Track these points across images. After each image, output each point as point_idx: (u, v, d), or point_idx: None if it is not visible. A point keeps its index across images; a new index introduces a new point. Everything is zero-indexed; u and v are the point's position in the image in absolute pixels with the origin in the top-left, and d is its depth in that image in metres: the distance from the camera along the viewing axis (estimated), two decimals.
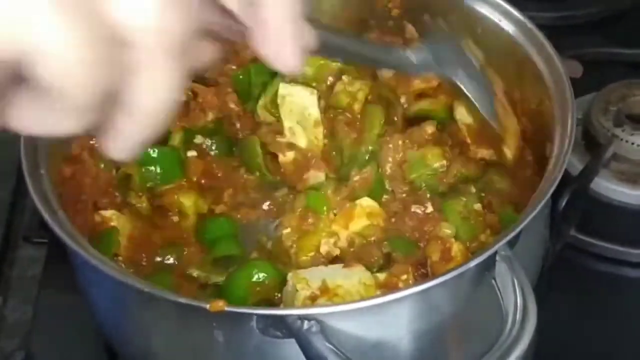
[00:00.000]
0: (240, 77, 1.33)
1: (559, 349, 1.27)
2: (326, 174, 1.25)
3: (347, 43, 0.97)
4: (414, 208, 1.22)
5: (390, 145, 1.24)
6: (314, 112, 1.27)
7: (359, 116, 1.28)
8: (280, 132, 1.28)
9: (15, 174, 1.56)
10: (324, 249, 1.17)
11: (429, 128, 1.26)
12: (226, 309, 0.96)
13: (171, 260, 1.20)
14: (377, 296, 1.02)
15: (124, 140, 0.61)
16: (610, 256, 1.40)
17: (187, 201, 1.23)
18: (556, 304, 1.27)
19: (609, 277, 1.40)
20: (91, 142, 1.25)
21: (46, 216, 1.06)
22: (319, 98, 1.29)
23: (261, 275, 1.13)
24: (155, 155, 1.24)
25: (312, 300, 1.05)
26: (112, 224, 1.20)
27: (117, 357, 1.28)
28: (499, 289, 1.00)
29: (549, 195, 1.05)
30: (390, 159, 1.24)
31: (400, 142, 1.24)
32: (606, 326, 1.34)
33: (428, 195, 1.23)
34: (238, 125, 1.32)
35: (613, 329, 1.34)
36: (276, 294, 1.13)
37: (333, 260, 1.18)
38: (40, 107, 0.57)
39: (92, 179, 1.23)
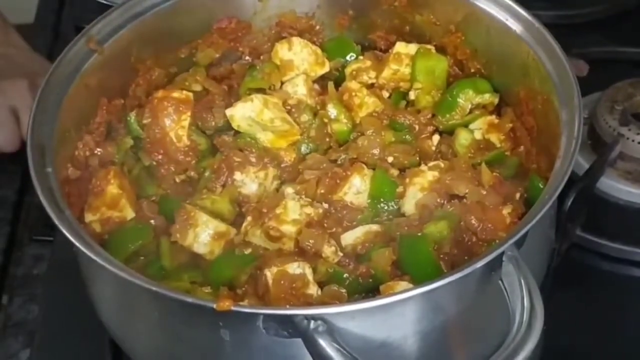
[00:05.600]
0: None
1: (565, 348, 1.27)
2: None
3: None
4: None
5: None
6: None
7: None
8: None
9: (20, 173, 1.56)
10: None
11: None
12: (233, 308, 0.96)
13: None
14: (384, 296, 1.02)
15: None
16: (616, 255, 1.40)
17: None
18: (562, 303, 1.27)
19: (615, 276, 1.40)
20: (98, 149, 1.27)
21: (53, 215, 1.06)
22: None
23: None
24: None
25: None
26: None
27: (122, 356, 1.28)
28: (505, 290, 0.99)
29: (555, 196, 1.04)
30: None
31: None
32: (612, 325, 1.34)
33: None
34: None
35: (619, 327, 1.34)
36: None
37: None
38: None
39: None
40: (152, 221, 1.23)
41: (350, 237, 1.20)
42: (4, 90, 1.57)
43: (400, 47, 1.38)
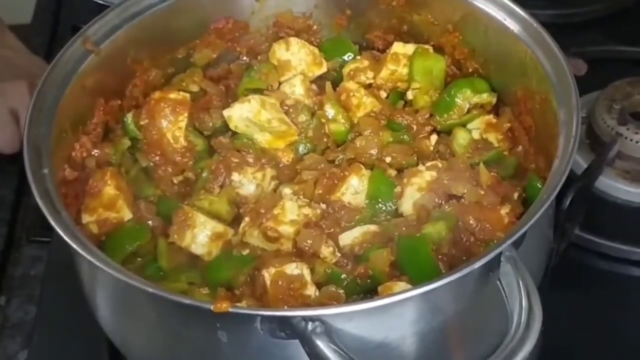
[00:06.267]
0: None
1: (564, 348, 1.27)
2: None
3: None
4: None
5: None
6: None
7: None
8: None
9: (18, 173, 1.56)
10: None
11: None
12: (230, 309, 0.96)
13: None
14: (382, 297, 1.02)
15: None
16: (615, 255, 1.40)
17: None
18: (560, 302, 1.26)
19: (613, 275, 1.40)
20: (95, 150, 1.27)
21: (49, 217, 1.05)
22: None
23: None
24: None
25: None
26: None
27: (119, 357, 1.27)
28: (504, 290, 0.99)
29: (553, 196, 1.04)
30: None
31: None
32: (611, 324, 1.34)
33: None
34: None
35: (617, 327, 1.34)
36: None
37: None
38: None
39: None
40: (149, 222, 1.23)
41: (348, 238, 1.20)
42: (4, 91, 1.56)
43: (398, 47, 1.38)
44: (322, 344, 0.94)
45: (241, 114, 1.30)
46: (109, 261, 1.04)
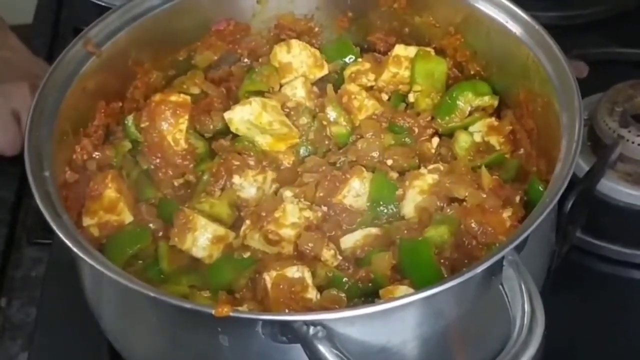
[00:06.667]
0: None
1: (564, 350, 1.27)
2: None
3: None
4: None
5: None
6: None
7: None
8: None
9: (19, 175, 1.56)
10: None
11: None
12: (231, 314, 0.96)
13: None
14: (384, 302, 1.01)
15: None
16: (616, 258, 1.40)
17: None
18: (561, 305, 1.26)
19: (615, 278, 1.40)
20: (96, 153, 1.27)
21: (50, 221, 1.05)
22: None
23: None
24: None
25: None
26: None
27: (120, 359, 1.27)
28: (506, 294, 0.99)
29: (556, 200, 1.04)
30: None
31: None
32: (612, 327, 1.33)
33: None
34: None
35: (619, 329, 1.33)
36: None
37: None
38: None
39: None
40: (150, 225, 1.23)
41: (349, 241, 1.20)
42: (6, 93, 1.56)
43: (400, 49, 1.38)
44: (323, 349, 0.94)
45: (242, 116, 1.30)
46: (109, 265, 1.03)
